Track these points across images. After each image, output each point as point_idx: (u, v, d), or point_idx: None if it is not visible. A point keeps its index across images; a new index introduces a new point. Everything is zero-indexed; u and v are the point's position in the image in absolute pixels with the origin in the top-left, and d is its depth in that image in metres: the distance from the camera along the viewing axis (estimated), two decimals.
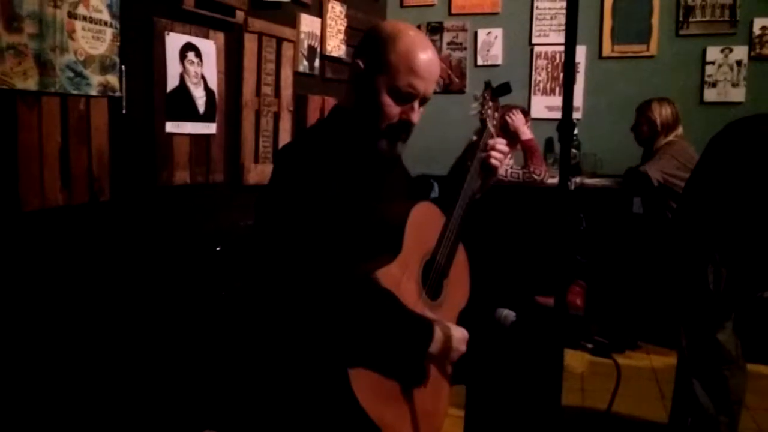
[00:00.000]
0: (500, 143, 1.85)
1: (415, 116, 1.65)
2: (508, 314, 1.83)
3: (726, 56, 4.38)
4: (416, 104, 1.65)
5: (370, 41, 1.66)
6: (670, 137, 3.80)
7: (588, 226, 3.99)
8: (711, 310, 2.37)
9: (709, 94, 4.43)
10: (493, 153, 1.83)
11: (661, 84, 4.38)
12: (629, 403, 3.06)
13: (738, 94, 4.38)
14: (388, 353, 1.57)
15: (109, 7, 2.33)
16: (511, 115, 3.96)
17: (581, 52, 4.67)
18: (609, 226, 4.06)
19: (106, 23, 2.31)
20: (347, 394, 1.48)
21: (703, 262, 2.35)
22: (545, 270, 3.64)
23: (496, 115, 1.89)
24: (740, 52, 4.36)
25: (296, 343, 1.59)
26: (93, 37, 2.27)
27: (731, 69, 4.38)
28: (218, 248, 2.33)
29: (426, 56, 1.63)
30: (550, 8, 4.75)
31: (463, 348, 1.67)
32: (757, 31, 4.31)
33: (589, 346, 1.64)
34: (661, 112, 3.81)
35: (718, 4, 4.38)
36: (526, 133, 3.98)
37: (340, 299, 1.50)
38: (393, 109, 1.63)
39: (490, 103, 1.87)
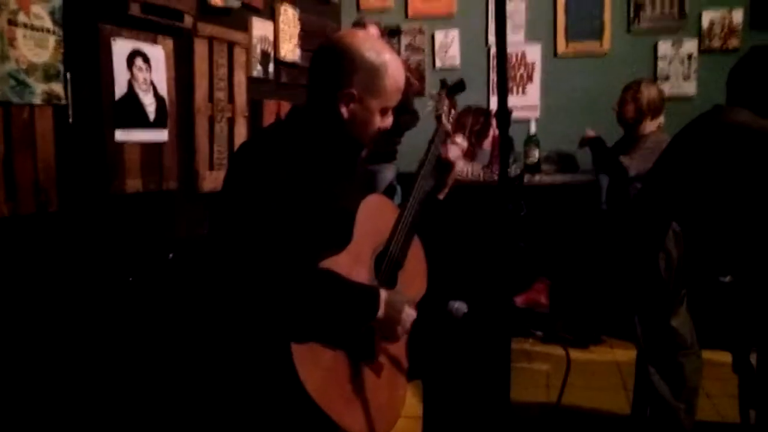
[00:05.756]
0: (456, 138, 1.90)
1: (390, 122, 1.77)
2: (459, 306, 1.84)
3: (677, 50, 4.46)
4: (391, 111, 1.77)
5: (360, 70, 1.68)
6: (656, 122, 3.73)
7: (553, 223, 4.01)
8: (663, 296, 2.40)
9: (662, 89, 4.49)
10: (450, 147, 1.89)
11: (616, 80, 4.39)
12: (593, 396, 3.08)
13: (690, 87, 4.46)
14: (337, 327, 1.58)
15: (52, 14, 2.29)
16: (492, 116, 3.96)
17: (537, 51, 4.71)
18: (572, 222, 4.08)
19: (48, 30, 2.28)
20: (292, 377, 1.48)
21: (654, 249, 2.38)
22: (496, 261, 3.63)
23: (452, 112, 1.96)
24: (690, 46, 4.44)
25: (244, 331, 1.61)
26: (35, 45, 2.23)
27: (682, 63, 4.46)
28: (170, 255, 2.30)
29: (404, 74, 1.76)
30: None
31: (412, 312, 1.66)
32: (705, 24, 4.40)
33: (539, 333, 1.65)
34: (649, 94, 3.73)
35: None
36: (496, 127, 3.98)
37: (283, 286, 1.51)
38: (380, 123, 1.74)
39: (446, 101, 1.93)
